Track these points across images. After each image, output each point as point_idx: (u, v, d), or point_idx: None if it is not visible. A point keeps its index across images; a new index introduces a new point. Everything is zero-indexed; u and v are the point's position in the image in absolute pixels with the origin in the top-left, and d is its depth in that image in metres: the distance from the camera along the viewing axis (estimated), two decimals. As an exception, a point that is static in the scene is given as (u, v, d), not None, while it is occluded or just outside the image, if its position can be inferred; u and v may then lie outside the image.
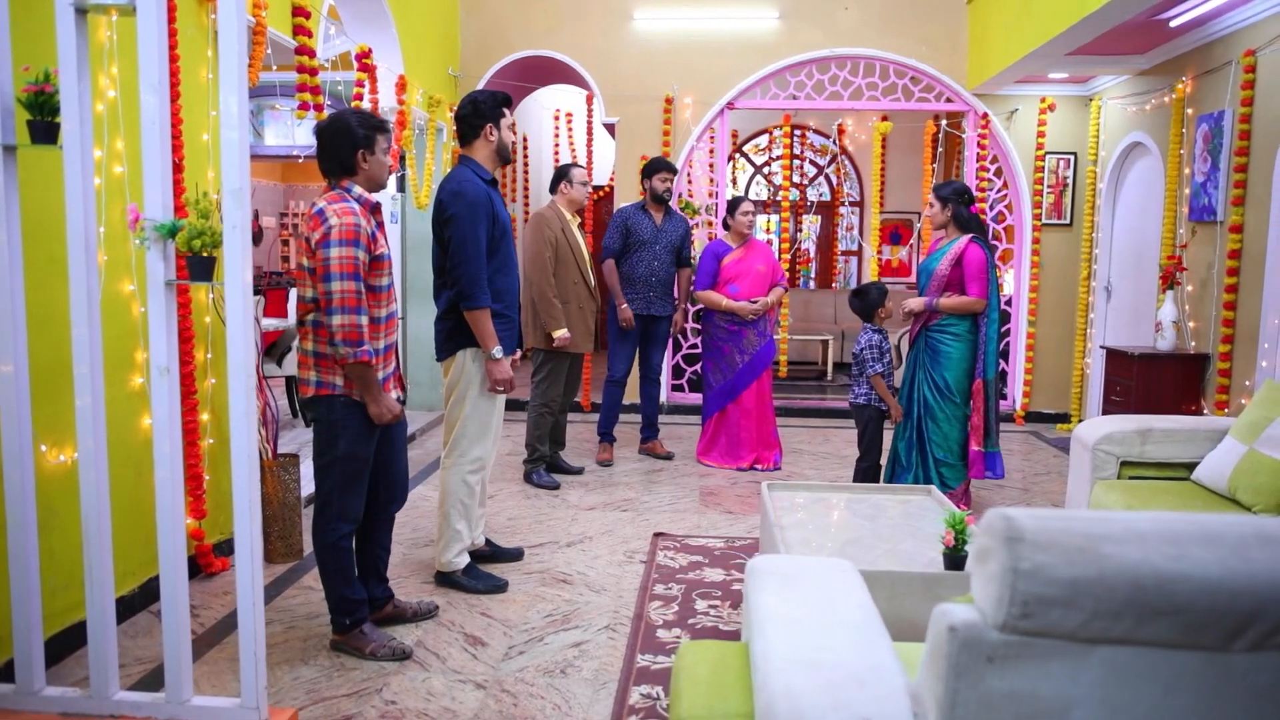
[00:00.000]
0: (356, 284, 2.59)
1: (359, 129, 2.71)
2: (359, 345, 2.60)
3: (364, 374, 2.66)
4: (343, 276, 2.58)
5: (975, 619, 1.20)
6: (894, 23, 6.76)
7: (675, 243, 5.35)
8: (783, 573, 1.83)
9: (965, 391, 4.22)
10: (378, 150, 2.76)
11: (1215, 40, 5.10)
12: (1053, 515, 1.20)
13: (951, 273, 4.17)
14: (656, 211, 5.34)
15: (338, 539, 2.81)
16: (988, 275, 4.14)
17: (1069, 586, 1.15)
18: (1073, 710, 1.19)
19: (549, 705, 2.58)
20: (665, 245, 5.31)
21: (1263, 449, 3.22)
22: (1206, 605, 1.14)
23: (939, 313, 4.20)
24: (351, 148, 2.71)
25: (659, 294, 5.32)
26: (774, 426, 5.46)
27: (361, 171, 2.75)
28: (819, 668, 1.40)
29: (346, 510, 2.81)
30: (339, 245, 2.58)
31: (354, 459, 2.78)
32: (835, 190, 10.68)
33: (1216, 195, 5.00)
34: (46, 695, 2.28)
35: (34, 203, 2.57)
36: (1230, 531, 1.18)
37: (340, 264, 2.58)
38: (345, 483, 2.79)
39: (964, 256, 4.15)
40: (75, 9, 2.09)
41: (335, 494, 2.79)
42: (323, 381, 2.72)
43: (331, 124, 2.74)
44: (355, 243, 2.60)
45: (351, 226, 2.61)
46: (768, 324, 5.33)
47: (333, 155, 2.73)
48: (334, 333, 2.59)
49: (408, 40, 5.74)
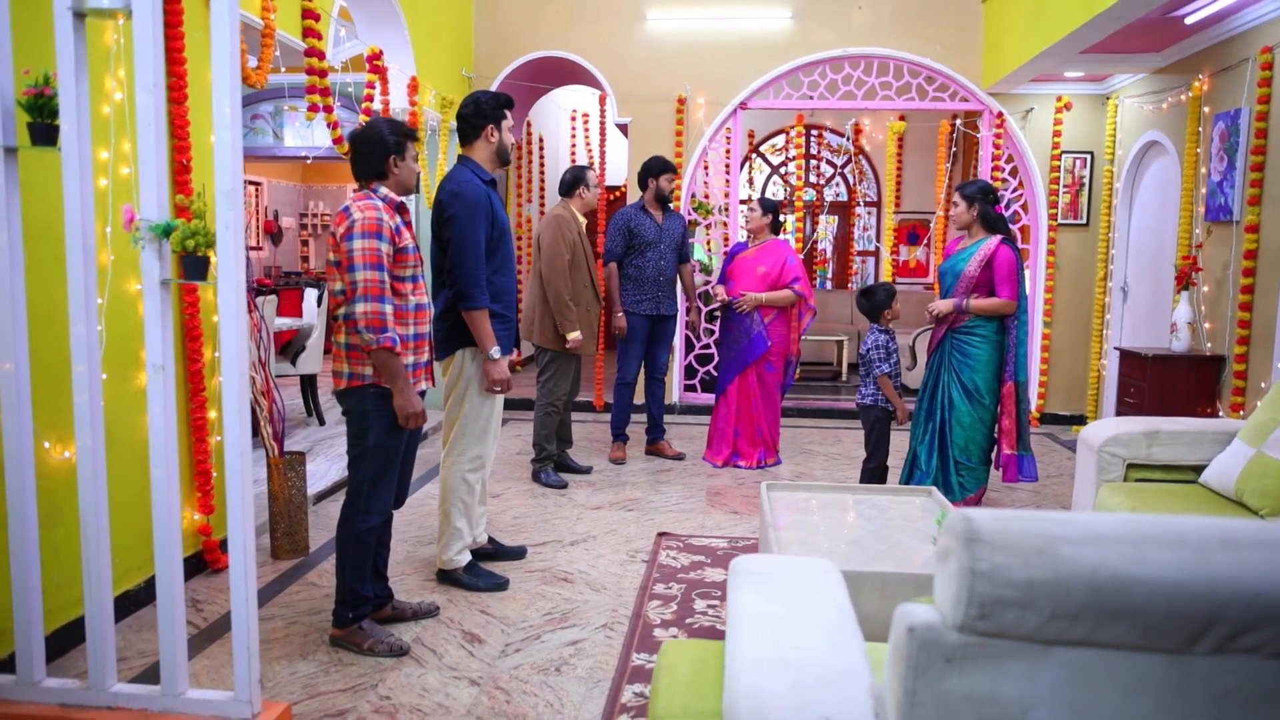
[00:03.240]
0: (380, 274, 2.68)
1: (390, 136, 2.85)
2: (383, 332, 2.68)
3: (388, 361, 2.72)
4: (366, 267, 2.67)
5: (934, 620, 1.19)
6: (907, 22, 6.72)
7: (678, 241, 5.38)
8: (763, 572, 1.83)
9: (995, 394, 4.18)
10: (408, 156, 2.90)
11: (1232, 37, 5.03)
12: (1013, 516, 1.19)
13: (981, 274, 4.13)
14: (657, 211, 5.34)
15: (363, 531, 2.88)
16: (1018, 277, 4.11)
17: (1026, 588, 1.14)
18: (1032, 712, 1.19)
19: (541, 703, 2.60)
20: (669, 244, 5.33)
21: (1271, 452, 3.17)
22: (1165, 608, 1.13)
23: (967, 314, 4.16)
24: (383, 154, 2.84)
25: (666, 293, 5.36)
26: (765, 425, 5.37)
27: (392, 176, 2.88)
28: (787, 667, 1.40)
29: (374, 503, 2.88)
30: (361, 237, 2.69)
31: (383, 450, 2.85)
32: (852, 190, 10.63)
33: (1232, 194, 4.92)
34: (46, 686, 2.32)
35: (40, 204, 2.62)
36: (1193, 534, 1.17)
37: (363, 255, 2.67)
38: (376, 475, 2.87)
39: (995, 258, 4.11)
40: (73, 13, 2.13)
41: (366, 485, 2.87)
42: (354, 374, 2.80)
43: (365, 131, 2.88)
44: (378, 235, 2.70)
45: (374, 220, 2.71)
46: (759, 321, 5.22)
47: (365, 160, 2.85)
48: (357, 320, 2.67)
49: (420, 41, 5.79)
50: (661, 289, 5.33)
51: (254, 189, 10.91)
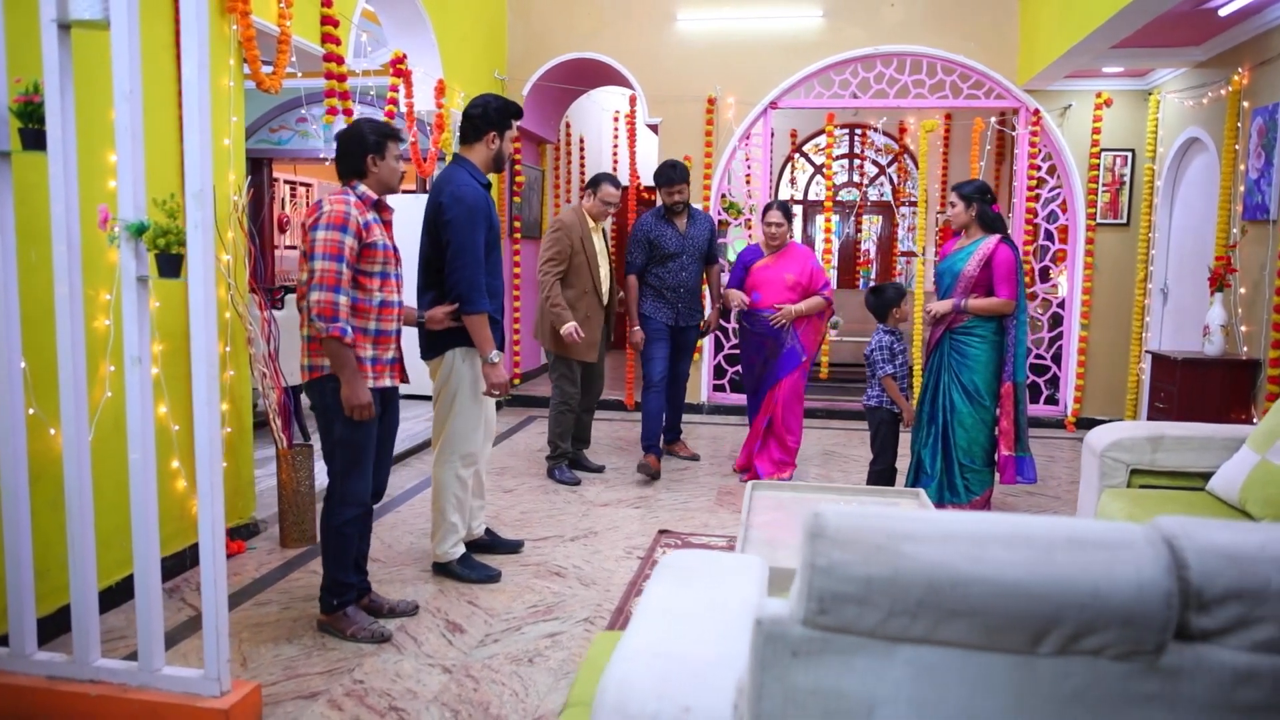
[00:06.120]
0: (337, 264, 2.73)
1: (371, 136, 2.91)
2: (333, 321, 2.72)
3: (338, 351, 2.75)
4: (324, 257, 2.73)
5: (782, 613, 1.21)
6: (940, 19, 6.61)
7: (702, 248, 5.16)
8: (685, 568, 1.85)
9: (995, 394, 4.11)
10: (388, 156, 2.94)
11: (1271, 30, 4.84)
12: (861, 513, 1.20)
13: (980, 274, 4.07)
14: (679, 218, 5.11)
15: (341, 524, 2.94)
16: (1017, 276, 4.04)
17: (863, 584, 1.15)
18: (879, 709, 1.19)
19: (507, 692, 2.65)
20: (693, 254, 5.11)
21: (1275, 459, 3.06)
22: (1004, 607, 1.13)
23: (966, 314, 4.10)
24: (363, 153, 2.90)
25: (688, 304, 5.17)
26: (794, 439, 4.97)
27: (372, 174, 2.93)
28: (663, 658, 1.42)
29: (348, 494, 2.93)
30: (325, 228, 2.76)
31: (351, 443, 2.89)
32: (897, 190, 10.48)
33: (1269, 192, 4.74)
34: (37, 659, 2.46)
35: (42, 205, 2.77)
36: (1041, 533, 1.16)
37: (324, 245, 2.74)
38: (346, 467, 2.91)
39: (994, 257, 4.05)
40: (58, 24, 2.26)
41: (338, 479, 2.93)
42: (314, 365, 2.86)
43: (348, 131, 2.94)
44: (341, 228, 2.76)
45: (341, 214, 2.78)
46: (793, 334, 4.90)
47: (346, 159, 2.92)
48: (310, 307, 2.73)
49: (447, 45, 5.91)
50: (683, 300, 5.14)
51: (305, 190, 11.25)
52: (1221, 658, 1.15)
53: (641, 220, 5.18)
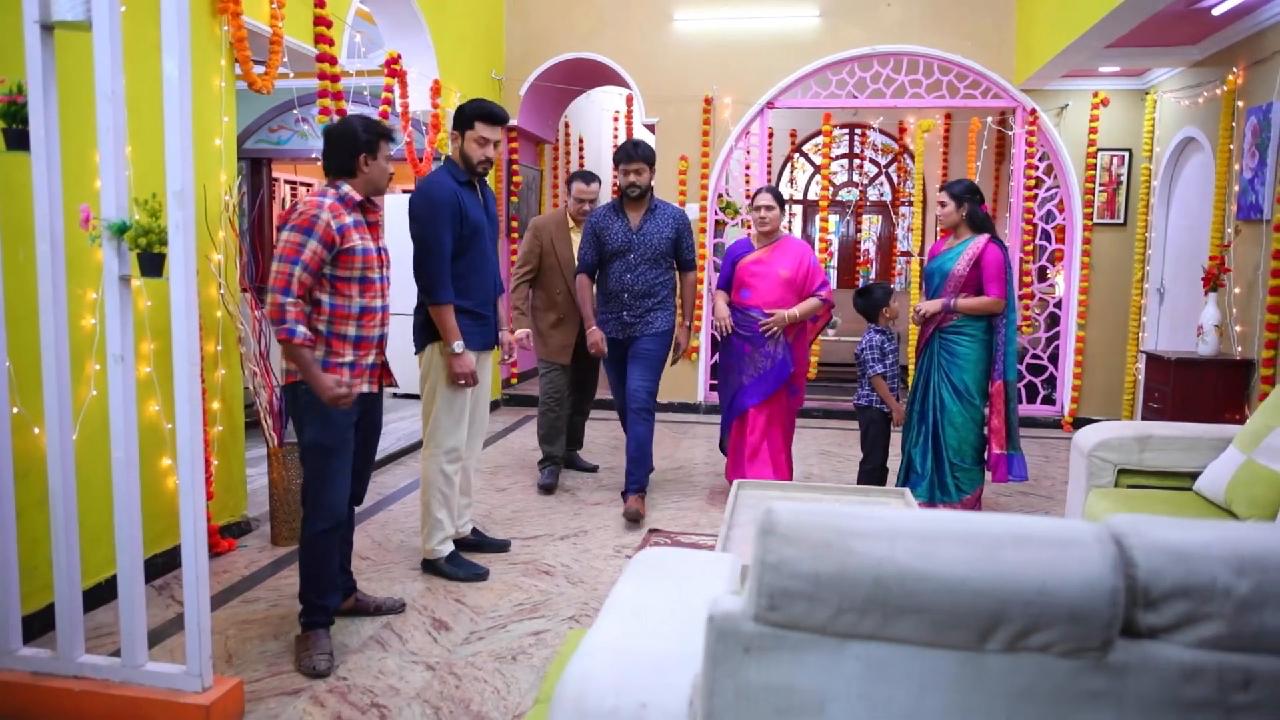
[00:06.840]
0: (291, 267, 2.64)
1: (364, 134, 2.80)
2: (281, 323, 2.64)
3: (295, 353, 2.68)
4: (282, 259, 2.66)
5: (734, 610, 1.22)
6: (938, 18, 6.61)
7: (659, 247, 4.31)
8: (658, 564, 1.86)
9: (985, 393, 4.12)
10: (380, 156, 2.84)
11: (1265, 29, 4.84)
12: (812, 510, 1.21)
13: (969, 273, 4.07)
14: (633, 211, 4.35)
15: (313, 535, 2.80)
16: (1006, 275, 4.04)
17: (811, 581, 1.16)
18: (830, 705, 1.20)
19: (489, 689, 2.67)
20: (643, 253, 4.29)
21: (1261, 459, 3.05)
22: (950, 604, 1.13)
23: (955, 314, 4.11)
24: (355, 151, 2.80)
25: (635, 314, 4.33)
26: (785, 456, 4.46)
27: (361, 174, 2.82)
28: (625, 654, 1.43)
29: (321, 504, 2.79)
30: (290, 230, 2.67)
31: (320, 449, 2.78)
32: (896, 190, 10.47)
33: (1263, 191, 4.73)
34: (21, 655, 2.48)
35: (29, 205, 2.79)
36: (988, 531, 1.17)
37: (283, 247, 2.66)
38: (317, 474, 2.78)
39: (983, 257, 4.05)
40: (40, 26, 2.28)
41: (310, 488, 2.81)
42: (289, 369, 2.79)
43: (340, 127, 2.84)
44: (307, 230, 2.66)
45: (309, 216, 2.67)
46: (783, 342, 4.32)
47: (335, 156, 2.82)
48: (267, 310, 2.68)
49: (443, 45, 5.93)
50: (630, 309, 4.32)
51: (306, 189, 11.28)
52: (1168, 654, 1.16)
53: (595, 211, 4.48)
